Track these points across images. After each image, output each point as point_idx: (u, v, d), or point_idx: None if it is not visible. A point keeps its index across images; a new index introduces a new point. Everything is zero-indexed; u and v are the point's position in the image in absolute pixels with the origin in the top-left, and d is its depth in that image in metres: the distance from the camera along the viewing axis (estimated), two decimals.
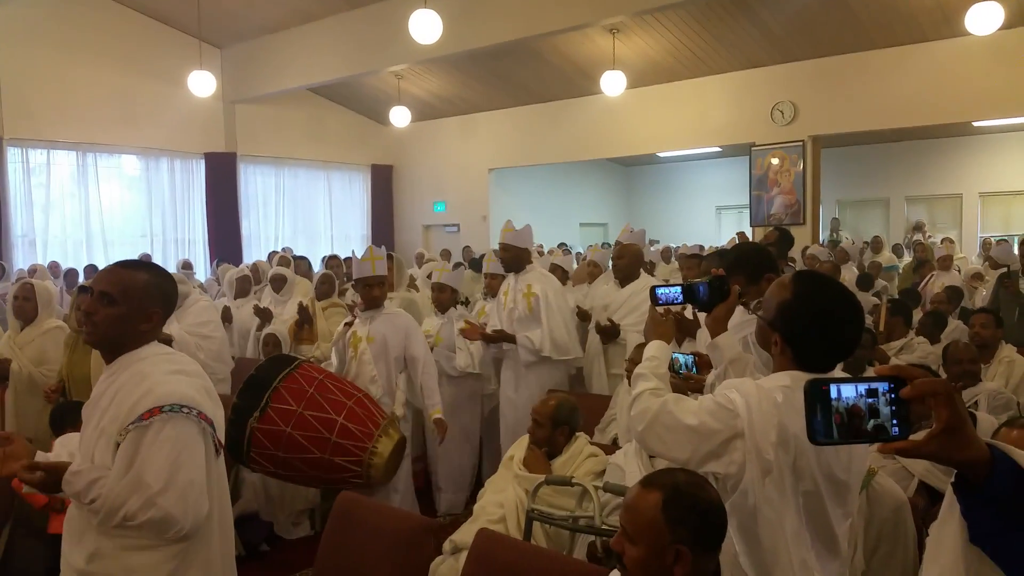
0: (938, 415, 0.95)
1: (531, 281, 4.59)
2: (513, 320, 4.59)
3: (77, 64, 10.19)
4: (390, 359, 3.97)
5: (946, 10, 7.91)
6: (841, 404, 0.97)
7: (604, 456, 3.08)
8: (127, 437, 1.80)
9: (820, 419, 0.97)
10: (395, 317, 4.05)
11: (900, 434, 0.96)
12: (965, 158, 12.97)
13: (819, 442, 0.98)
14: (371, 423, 3.49)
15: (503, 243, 4.66)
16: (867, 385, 0.97)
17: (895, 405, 0.96)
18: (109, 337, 1.92)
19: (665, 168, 16.35)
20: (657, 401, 1.79)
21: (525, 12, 8.17)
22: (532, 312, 4.52)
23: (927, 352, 4.62)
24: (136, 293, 1.92)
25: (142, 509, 1.75)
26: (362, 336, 3.97)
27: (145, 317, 1.93)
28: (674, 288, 2.17)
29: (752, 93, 10.02)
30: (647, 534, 1.52)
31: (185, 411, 1.84)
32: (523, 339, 4.47)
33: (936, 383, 0.95)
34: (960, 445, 0.95)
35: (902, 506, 2.31)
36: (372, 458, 3.43)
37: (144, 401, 1.82)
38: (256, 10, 10.07)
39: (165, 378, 1.87)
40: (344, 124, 13.48)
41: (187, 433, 1.84)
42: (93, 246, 10.74)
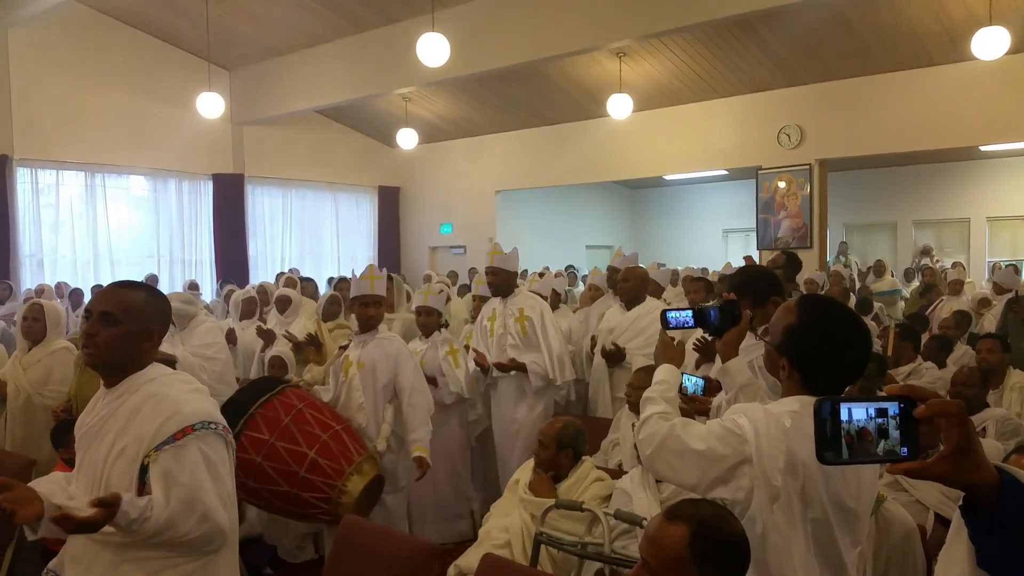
0: (949, 436, 0.94)
1: (522, 305, 4.51)
2: (504, 346, 4.48)
3: (87, 85, 10.32)
4: (377, 387, 3.79)
5: (952, 35, 7.95)
6: (851, 424, 0.96)
7: (611, 480, 3.05)
8: (160, 457, 1.81)
9: (829, 439, 0.96)
10: (387, 343, 3.88)
11: (909, 455, 0.95)
12: (972, 182, 12.96)
13: (828, 461, 0.97)
14: (344, 459, 3.34)
15: (492, 267, 4.58)
16: (877, 405, 0.96)
17: (905, 426, 0.95)
18: (112, 357, 1.93)
19: (671, 191, 16.39)
20: (665, 425, 1.78)
21: (532, 36, 8.25)
22: (527, 336, 4.43)
23: (935, 377, 4.58)
24: (137, 312, 1.94)
25: (198, 525, 1.81)
26: (353, 360, 3.83)
27: (147, 335, 1.95)
28: (685, 312, 2.17)
29: (758, 116, 10.06)
30: (672, 569, 1.50)
31: (213, 427, 1.90)
32: (533, 364, 4.39)
33: (949, 404, 0.94)
34: (970, 468, 0.94)
35: (911, 533, 2.27)
36: (341, 496, 3.30)
37: (172, 421, 1.85)
38: (265, 33, 10.20)
39: (188, 397, 1.92)
40: (351, 146, 13.57)
41: (218, 448, 1.92)
42: (100, 266, 10.79)
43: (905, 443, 0.95)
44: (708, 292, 5.30)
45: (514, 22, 8.33)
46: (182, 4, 9.47)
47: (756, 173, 10.22)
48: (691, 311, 2.17)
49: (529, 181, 12.69)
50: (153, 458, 1.81)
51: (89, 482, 1.91)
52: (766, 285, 2.65)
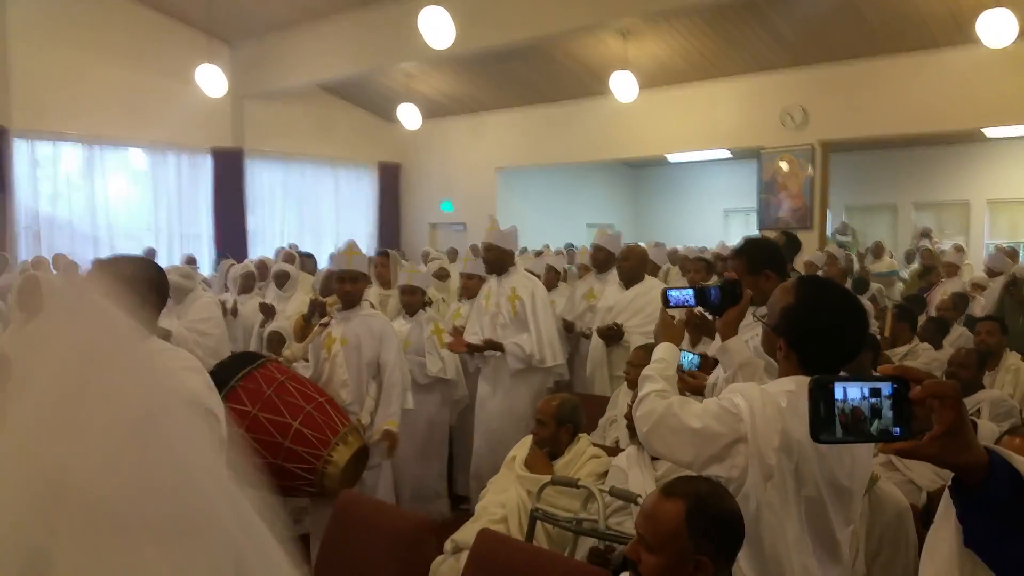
0: (942, 417, 0.94)
1: (515, 284, 4.45)
2: (496, 325, 4.42)
3: (86, 58, 10.23)
4: (362, 363, 3.75)
5: (958, 18, 7.87)
6: (845, 404, 0.97)
7: (607, 458, 3.07)
8: None
9: (823, 417, 0.97)
10: (371, 319, 3.84)
11: (901, 435, 0.96)
12: (974, 165, 12.92)
13: (821, 440, 0.98)
14: (329, 430, 3.31)
15: (488, 243, 4.53)
16: (871, 385, 0.97)
17: (898, 406, 0.96)
18: None
19: (673, 170, 16.32)
20: (662, 403, 1.80)
21: (535, 12, 8.16)
22: (517, 316, 4.37)
23: (931, 358, 4.61)
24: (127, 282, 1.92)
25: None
26: (336, 337, 3.77)
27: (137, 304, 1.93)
28: (686, 291, 2.18)
29: (762, 97, 9.99)
30: (669, 544, 1.51)
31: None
32: (512, 346, 4.32)
33: (944, 385, 0.95)
34: (960, 448, 0.95)
35: (904, 512, 2.30)
36: (327, 467, 3.25)
37: None
38: (266, 6, 10.09)
39: (179, 375, 1.90)
40: (352, 122, 13.49)
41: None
42: (99, 239, 10.77)
43: (898, 423, 0.96)
44: (708, 271, 5.32)
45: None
46: None
47: (758, 154, 10.18)
48: (692, 290, 2.19)
49: (530, 159, 12.63)
50: None
51: None
52: (763, 254, 2.64)
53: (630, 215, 17.11)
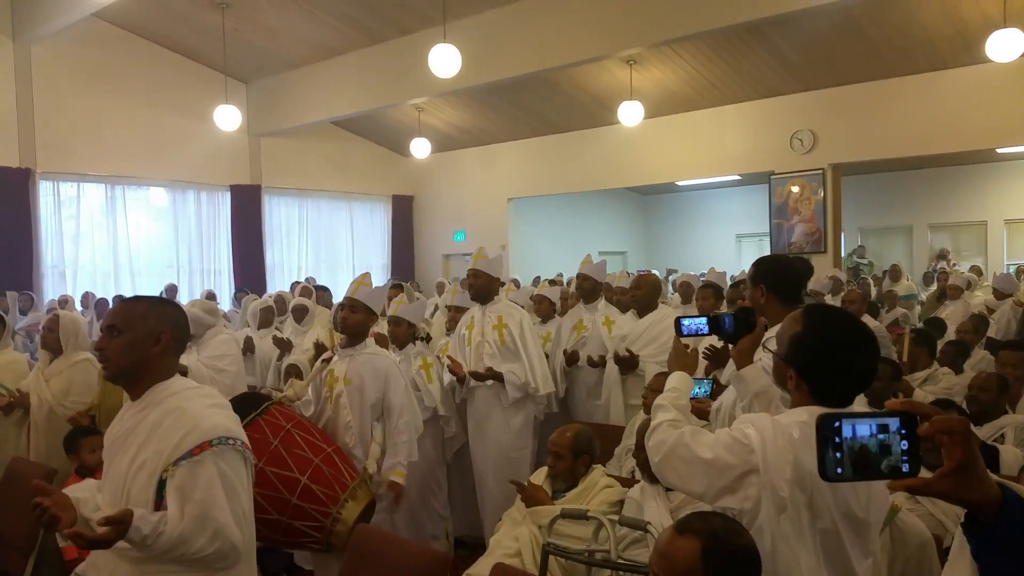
0: (951, 453, 0.93)
1: (501, 313, 4.36)
2: (482, 355, 4.29)
3: (108, 100, 10.49)
4: (365, 405, 3.52)
5: (966, 37, 7.90)
6: (854, 441, 0.96)
7: (620, 487, 3.05)
8: (177, 472, 1.83)
9: (832, 455, 0.96)
10: (376, 358, 3.58)
11: (911, 471, 0.95)
12: (989, 185, 12.84)
13: (830, 478, 0.98)
14: (338, 484, 3.10)
15: (475, 269, 4.43)
16: (879, 421, 0.96)
17: (907, 442, 0.95)
18: (124, 367, 1.96)
19: (684, 196, 16.36)
20: (674, 433, 1.79)
21: (543, 45, 8.29)
22: (505, 345, 4.25)
23: (952, 383, 4.54)
24: (138, 319, 1.97)
25: (210, 542, 1.81)
26: (339, 376, 3.53)
27: (154, 339, 1.96)
28: (700, 319, 2.18)
29: (770, 122, 10.04)
30: None
31: (231, 442, 1.91)
32: (510, 375, 4.22)
33: (952, 421, 0.94)
34: (971, 484, 0.94)
35: (927, 543, 2.26)
36: (335, 524, 3.05)
37: (192, 436, 1.86)
38: (280, 46, 10.32)
39: (208, 412, 1.92)
40: (365, 156, 13.69)
41: (236, 464, 1.92)
42: (121, 276, 10.94)
43: (907, 459, 0.95)
44: (717, 298, 5.28)
45: (524, 32, 8.38)
46: (199, 18, 9.61)
47: (769, 178, 10.19)
48: (705, 318, 2.18)
49: (541, 188, 12.72)
50: (170, 473, 1.82)
51: (113, 493, 1.94)
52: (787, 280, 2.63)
53: (642, 242, 17.12)
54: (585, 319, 4.98)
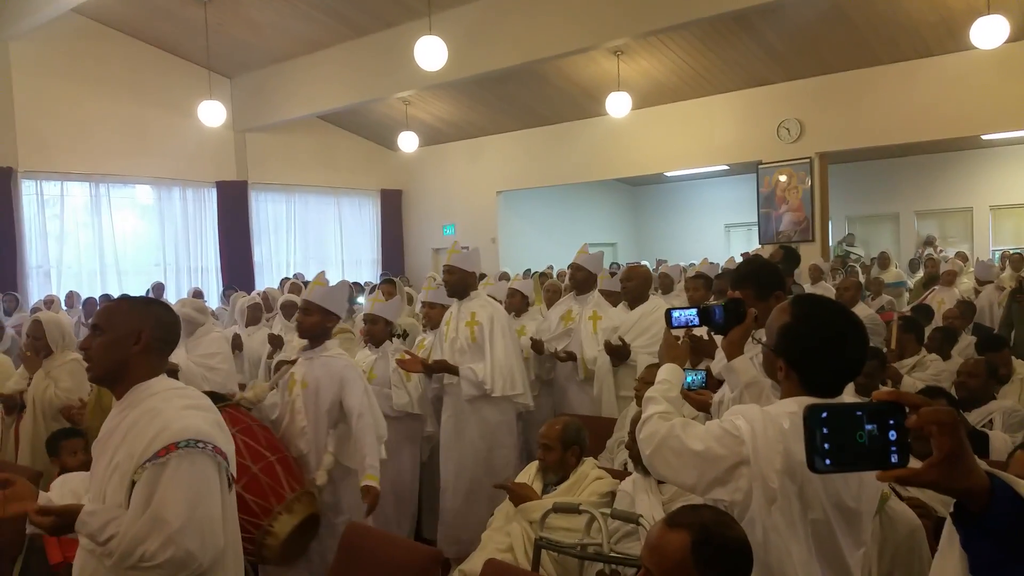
0: (940, 444, 0.93)
1: (475, 309, 4.24)
2: (455, 351, 4.20)
3: (89, 97, 10.38)
4: (320, 410, 3.35)
5: (950, 25, 7.93)
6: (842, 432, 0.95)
7: (610, 479, 3.05)
8: (143, 475, 1.79)
9: (819, 446, 0.96)
10: (333, 361, 3.41)
11: (899, 462, 0.94)
12: (975, 171, 12.92)
13: (818, 469, 0.97)
14: (274, 496, 2.97)
15: (449, 265, 4.29)
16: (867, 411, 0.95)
17: (895, 432, 0.94)
18: (106, 367, 1.94)
19: (673, 187, 16.38)
20: (665, 425, 1.79)
21: (529, 37, 8.25)
22: (476, 342, 4.16)
23: (940, 369, 4.57)
24: (119, 317, 1.95)
25: (162, 548, 1.73)
26: (298, 379, 3.41)
27: (134, 338, 1.93)
28: (690, 310, 2.16)
29: (757, 111, 10.05)
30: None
31: (200, 446, 1.83)
32: (466, 371, 4.11)
33: (940, 412, 0.93)
34: (960, 474, 0.93)
35: (916, 530, 2.27)
36: (266, 538, 2.93)
37: (160, 438, 1.81)
38: (264, 40, 10.23)
39: (179, 413, 1.87)
40: (353, 150, 13.61)
41: (204, 468, 1.84)
42: (107, 275, 10.85)
43: (896, 450, 0.94)
44: (707, 289, 5.28)
45: (511, 23, 8.34)
46: (181, 13, 9.50)
47: (756, 168, 10.21)
48: (695, 309, 2.17)
49: (530, 181, 12.71)
50: (139, 475, 1.79)
51: (95, 494, 1.92)
52: (769, 279, 2.63)
53: (631, 232, 17.15)
54: (574, 310, 4.88)
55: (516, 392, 4.21)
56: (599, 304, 4.90)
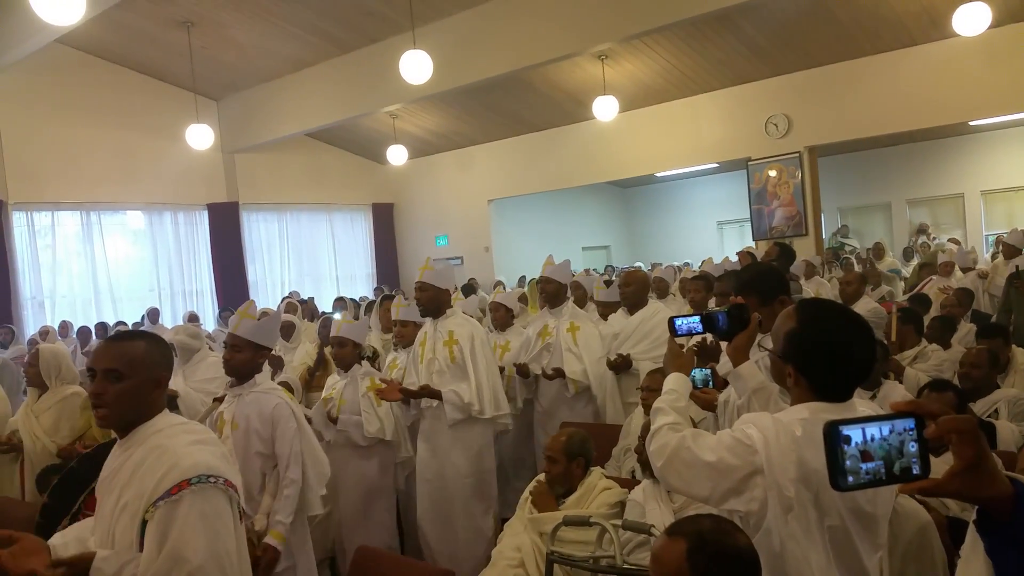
0: (961, 453, 0.92)
1: (453, 327, 4.03)
2: (432, 372, 3.99)
3: (77, 125, 10.35)
4: (251, 452, 3.07)
5: (932, 13, 7.97)
6: (864, 446, 0.94)
7: (619, 488, 3.04)
8: (156, 514, 1.76)
9: (842, 464, 0.94)
10: (265, 397, 3.11)
11: (921, 473, 0.93)
12: (964, 157, 12.97)
13: (842, 487, 0.95)
14: None
15: (421, 282, 4.07)
16: (888, 424, 0.94)
17: (914, 443, 0.93)
18: (123, 414, 1.90)
19: (663, 187, 16.41)
20: (676, 436, 1.77)
21: (513, 46, 8.26)
22: (455, 362, 3.97)
23: (942, 359, 4.56)
24: (141, 362, 1.90)
25: None
26: (227, 420, 3.13)
27: (155, 384, 1.91)
28: (693, 318, 2.16)
29: (744, 108, 10.08)
30: None
31: (212, 480, 1.82)
32: (450, 395, 3.91)
33: (959, 420, 0.92)
34: (983, 482, 0.92)
35: (926, 525, 2.26)
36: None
37: (170, 475, 1.79)
38: (249, 61, 10.22)
39: (188, 449, 1.85)
40: (343, 166, 13.60)
41: (217, 503, 1.82)
42: (102, 303, 10.80)
43: (917, 461, 0.93)
44: (708, 291, 5.26)
45: (494, 33, 8.35)
46: (165, 38, 9.49)
47: (746, 164, 10.23)
48: (699, 316, 2.16)
49: (520, 188, 12.71)
50: (151, 514, 1.76)
51: (101, 535, 1.89)
52: (773, 284, 2.63)
53: (624, 234, 17.17)
54: (550, 325, 4.73)
55: (503, 412, 4.08)
56: (575, 314, 4.78)
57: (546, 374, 4.59)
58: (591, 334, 4.68)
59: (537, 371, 4.67)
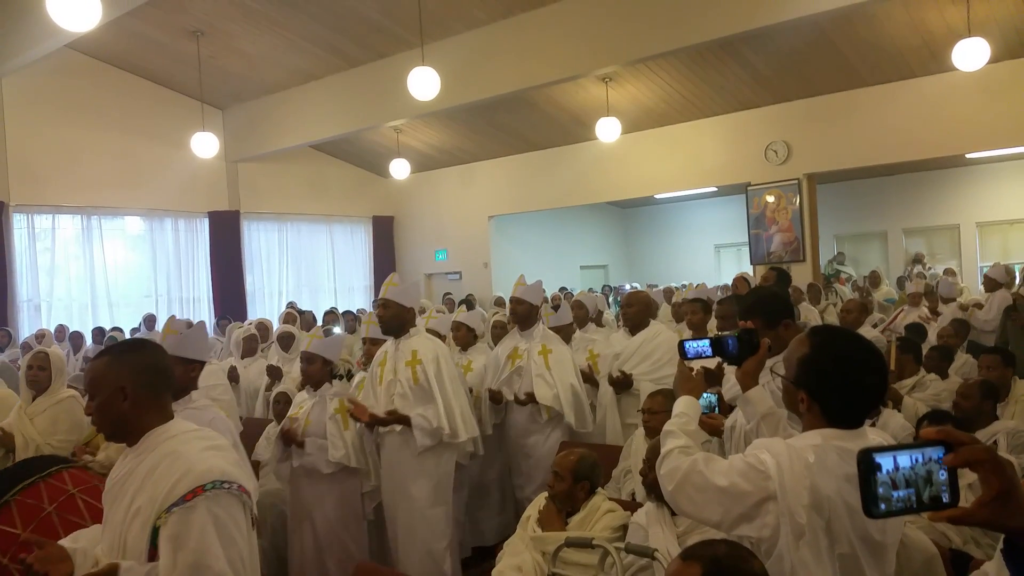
0: (988, 482, 0.93)
1: (416, 347, 3.81)
2: (392, 395, 3.77)
3: (82, 129, 10.37)
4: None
5: (932, 47, 8.09)
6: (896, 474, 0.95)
7: (622, 511, 3.03)
8: (169, 520, 1.77)
9: (875, 491, 0.95)
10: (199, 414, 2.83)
11: (950, 501, 0.94)
12: (960, 189, 13.11)
13: (876, 515, 0.96)
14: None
15: (383, 299, 3.86)
16: (920, 452, 0.95)
17: (943, 471, 0.94)
18: (108, 427, 1.96)
19: (662, 208, 16.50)
20: (687, 460, 1.78)
21: (520, 66, 8.34)
22: (419, 384, 3.74)
23: (940, 389, 4.60)
24: (100, 379, 1.94)
25: None
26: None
27: (120, 396, 1.91)
28: (703, 341, 2.17)
29: (745, 134, 10.18)
30: None
31: (227, 486, 1.83)
32: (419, 419, 3.69)
33: (980, 450, 0.94)
34: (1012, 512, 0.93)
35: (933, 558, 2.27)
36: None
37: (184, 481, 1.80)
38: (256, 72, 10.28)
39: (201, 455, 1.87)
40: (345, 178, 13.66)
41: (232, 509, 1.84)
42: (99, 308, 10.77)
43: (946, 489, 0.94)
44: (705, 312, 5.29)
45: (501, 53, 8.44)
46: (174, 47, 9.55)
47: (746, 189, 10.31)
48: (708, 340, 2.18)
49: (521, 205, 12.77)
50: (163, 520, 1.77)
51: (111, 542, 1.90)
52: (777, 308, 2.66)
53: (622, 255, 17.23)
54: (520, 347, 4.54)
55: (474, 435, 3.90)
56: (546, 337, 4.59)
57: (518, 400, 4.43)
58: (563, 357, 4.51)
59: (509, 396, 4.50)
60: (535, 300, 4.62)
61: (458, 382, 3.93)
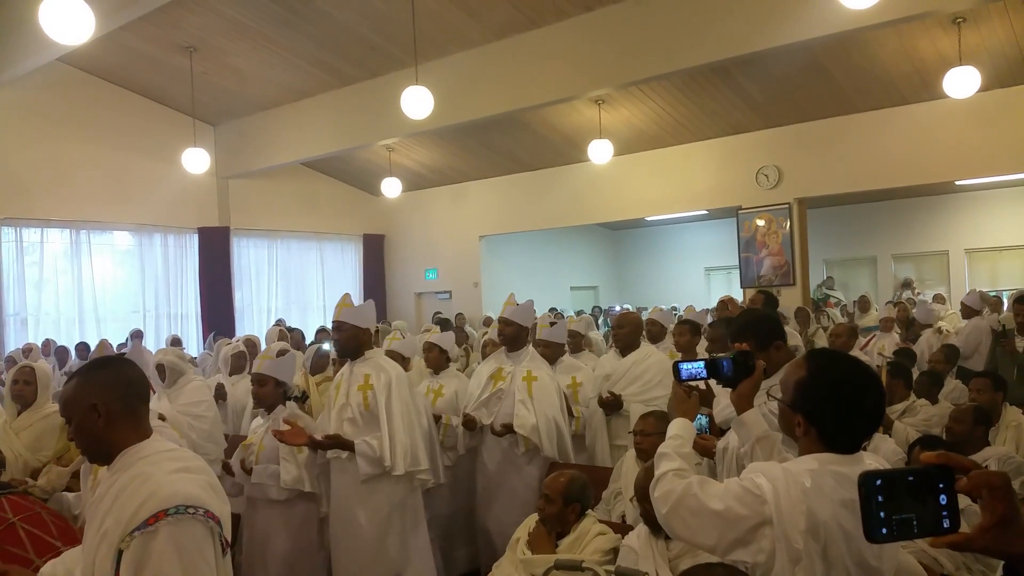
0: (992, 508, 0.92)
1: (369, 371, 3.63)
2: (343, 419, 3.60)
3: (72, 144, 10.32)
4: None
5: (924, 75, 8.19)
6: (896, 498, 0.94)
7: (613, 534, 2.99)
8: (132, 544, 1.71)
9: (876, 515, 0.95)
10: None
11: (951, 527, 0.93)
12: (950, 215, 13.24)
13: (877, 539, 0.95)
14: None
15: (337, 320, 3.69)
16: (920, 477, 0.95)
17: (944, 496, 0.94)
18: (89, 450, 1.95)
19: (653, 231, 16.57)
20: (682, 483, 1.75)
21: (513, 86, 8.39)
22: (369, 410, 3.56)
23: (930, 414, 4.58)
24: (70, 402, 1.92)
25: None
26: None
27: (94, 415, 1.87)
28: (697, 363, 2.15)
29: (736, 158, 10.25)
30: None
31: (191, 512, 1.76)
32: (362, 445, 3.49)
33: (992, 476, 0.93)
34: (1013, 538, 0.92)
35: None
36: None
37: (147, 505, 1.74)
38: (249, 88, 10.29)
39: (168, 478, 1.80)
40: (336, 196, 13.65)
41: (195, 535, 1.76)
42: (86, 322, 10.66)
43: (947, 514, 0.93)
44: (694, 335, 5.28)
45: (495, 73, 8.48)
46: (167, 62, 9.55)
47: (736, 213, 10.36)
48: (703, 362, 2.16)
49: (512, 225, 12.79)
50: (127, 544, 1.71)
51: (85, 564, 1.85)
52: (768, 329, 2.65)
53: (612, 276, 17.27)
54: (505, 369, 4.28)
55: (420, 468, 3.61)
56: (534, 361, 4.31)
57: (494, 430, 4.15)
58: (548, 385, 4.24)
59: (486, 421, 4.24)
60: (525, 321, 4.36)
61: (412, 411, 3.68)
